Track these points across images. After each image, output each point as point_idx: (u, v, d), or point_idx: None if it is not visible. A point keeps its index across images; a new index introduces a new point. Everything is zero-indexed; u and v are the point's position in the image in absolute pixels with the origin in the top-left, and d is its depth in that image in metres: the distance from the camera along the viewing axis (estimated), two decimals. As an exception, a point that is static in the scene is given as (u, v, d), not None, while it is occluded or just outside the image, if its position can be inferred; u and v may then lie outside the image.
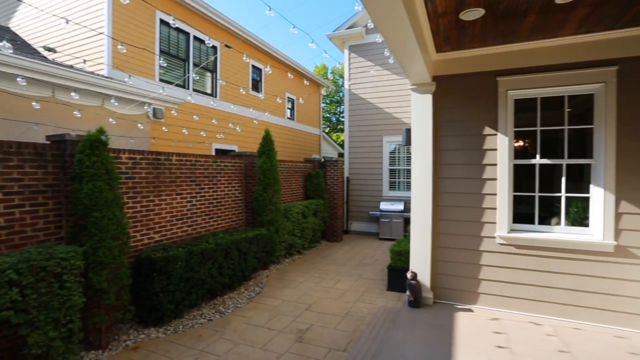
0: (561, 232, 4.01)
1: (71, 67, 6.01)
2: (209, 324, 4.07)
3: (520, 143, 4.53)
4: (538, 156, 4.12)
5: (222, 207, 5.82)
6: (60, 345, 2.87)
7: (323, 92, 16.61)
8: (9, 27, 8.22)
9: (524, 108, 4.20)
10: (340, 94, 26.89)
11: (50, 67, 4.94)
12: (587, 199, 3.94)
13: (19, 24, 8.15)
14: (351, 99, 10.18)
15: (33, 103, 4.50)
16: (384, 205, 9.17)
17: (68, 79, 5.12)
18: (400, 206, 8.99)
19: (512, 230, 4.16)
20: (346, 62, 10.26)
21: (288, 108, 12.90)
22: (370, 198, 9.84)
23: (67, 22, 3.99)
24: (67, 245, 3.16)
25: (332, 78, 27.52)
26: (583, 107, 4.09)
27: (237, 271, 5.07)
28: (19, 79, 4.17)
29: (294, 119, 13.26)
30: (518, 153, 4.37)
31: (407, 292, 4.33)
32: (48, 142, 3.52)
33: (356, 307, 4.54)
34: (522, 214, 4.25)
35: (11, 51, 3.66)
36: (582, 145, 4.25)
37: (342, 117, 26.81)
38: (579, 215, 4.11)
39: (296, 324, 4.06)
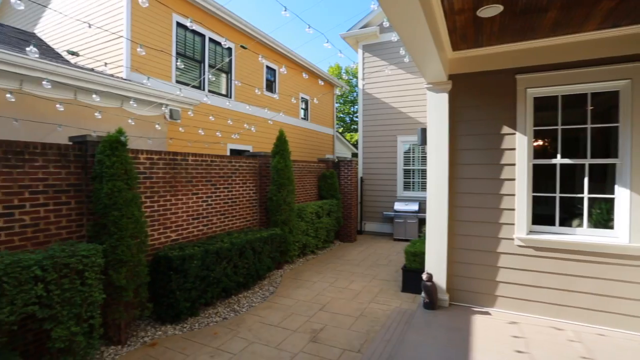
0: (584, 235, 3.88)
1: (92, 70, 6.19)
2: (224, 322, 4.12)
3: (540, 142, 4.41)
4: (559, 156, 3.99)
5: (237, 207, 5.88)
6: (82, 340, 2.95)
7: (337, 92, 16.57)
8: (34, 33, 8.53)
9: (543, 106, 4.09)
10: (354, 93, 26.79)
11: (73, 71, 5.10)
12: (612, 200, 3.80)
13: (43, 29, 8.46)
14: (365, 99, 10.12)
15: (57, 105, 4.65)
16: (398, 206, 9.08)
17: (89, 81, 5.27)
18: (414, 207, 8.89)
19: (531, 232, 4.05)
20: (360, 61, 10.22)
21: (302, 108, 12.94)
22: (384, 198, 9.76)
23: (90, 26, 4.11)
24: (88, 243, 3.26)
25: (345, 78, 27.50)
26: (606, 104, 3.95)
27: (251, 270, 5.12)
28: (44, 82, 4.32)
29: (307, 119, 13.29)
30: (537, 153, 4.25)
31: (423, 294, 4.27)
32: (70, 143, 3.63)
33: (370, 308, 4.51)
34: (540, 215, 4.13)
35: (37, 56, 3.79)
36: (605, 144, 4.10)
37: (356, 117, 26.73)
38: (603, 217, 3.96)
39: (310, 324, 4.06)
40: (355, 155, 16.86)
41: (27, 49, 3.63)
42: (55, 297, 2.79)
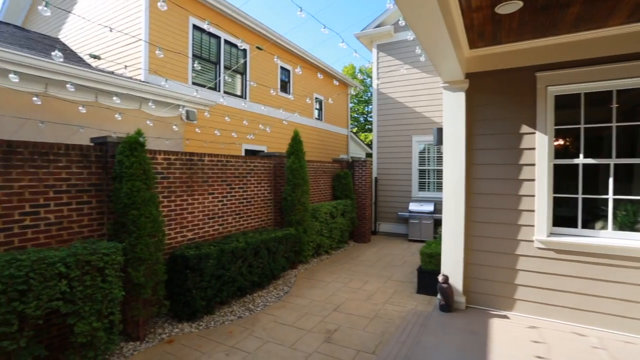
0: (608, 237, 3.74)
1: (112, 72, 6.37)
2: (239, 321, 4.16)
3: (561, 142, 4.27)
4: (581, 155, 3.86)
5: (252, 207, 5.93)
6: (103, 335, 3.04)
7: (351, 91, 16.52)
8: (58, 38, 8.84)
9: (565, 104, 3.96)
10: (368, 93, 26.65)
11: (94, 74, 5.25)
12: (639, 202, 3.65)
13: (67, 34, 8.75)
14: (379, 99, 10.05)
15: (80, 107, 4.81)
16: (413, 206, 8.98)
17: (110, 84, 5.42)
18: (430, 207, 8.77)
19: (552, 234, 3.93)
20: (374, 61, 10.15)
21: (316, 108, 12.96)
22: (399, 199, 9.67)
23: (111, 30, 4.23)
24: (109, 242, 3.35)
25: (360, 77, 27.37)
26: (633, 102, 3.80)
27: (266, 270, 5.15)
28: (68, 86, 4.48)
29: (321, 120, 13.30)
30: (558, 152, 4.13)
31: (438, 296, 4.21)
32: (92, 144, 3.74)
33: (385, 309, 4.47)
34: (561, 217, 4.00)
35: (62, 60, 3.93)
36: (632, 143, 3.94)
37: (370, 116, 26.56)
38: (629, 219, 3.81)
39: (324, 324, 4.06)
40: (369, 155, 16.76)
41: (53, 53, 3.77)
42: (77, 293, 2.88)
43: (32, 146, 3.17)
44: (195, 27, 7.82)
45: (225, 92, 8.70)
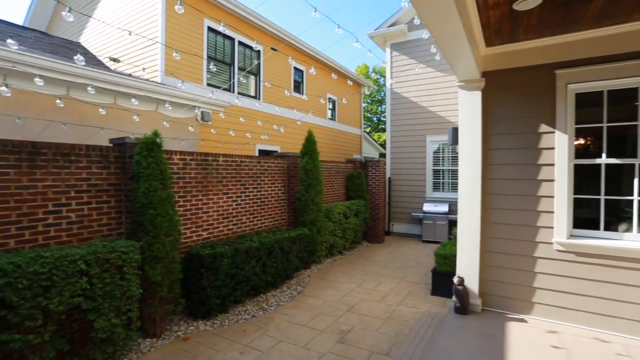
0: (634, 240, 3.60)
1: (130, 75, 6.52)
2: (252, 320, 4.20)
3: (581, 141, 4.14)
4: (604, 155, 3.74)
5: (266, 207, 5.98)
6: (121, 331, 3.12)
7: (366, 91, 16.44)
8: (79, 43, 9.12)
9: (585, 102, 3.84)
10: (382, 93, 26.47)
11: (113, 77, 5.39)
12: (665, 203, 3.51)
13: (87, 39, 9.02)
14: (393, 98, 9.97)
15: (100, 109, 4.95)
16: (427, 207, 8.88)
17: (128, 86, 5.56)
18: (444, 208, 8.65)
19: (572, 236, 3.82)
20: (388, 60, 10.08)
21: (329, 109, 12.95)
22: (413, 199, 9.57)
23: (130, 33, 4.34)
24: (127, 240, 3.43)
25: (373, 77, 27.21)
26: (659, 99, 3.65)
27: (279, 270, 5.18)
28: (89, 88, 4.61)
29: (335, 120, 13.29)
30: (578, 152, 4.00)
31: (454, 298, 4.15)
32: (111, 145, 3.84)
33: (399, 311, 4.44)
34: (581, 219, 3.88)
35: (83, 64, 4.05)
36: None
37: (384, 116, 26.38)
38: (655, 221, 3.66)
39: (338, 324, 4.06)
40: (382, 155, 16.65)
41: (75, 57, 3.89)
42: (97, 290, 2.96)
43: (55, 147, 3.28)
44: (209, 29, 7.93)
45: (239, 93, 8.79)
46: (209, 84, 7.93)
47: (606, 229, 3.76)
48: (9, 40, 3.49)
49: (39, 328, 2.64)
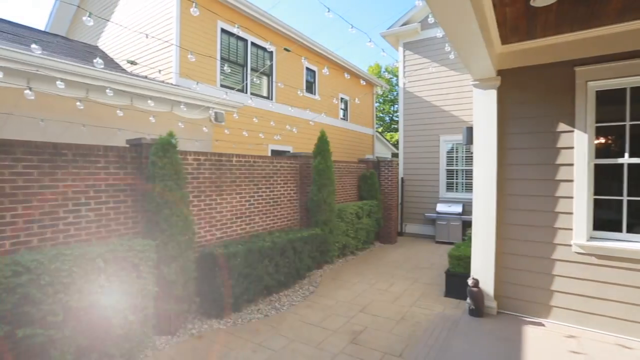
0: (656, 242, 3.47)
1: (146, 77, 6.65)
2: (265, 319, 4.23)
3: (602, 140, 4.01)
4: (627, 155, 3.62)
5: (278, 207, 6.01)
6: (138, 328, 3.18)
7: (378, 91, 16.33)
8: (97, 46, 9.37)
9: (606, 100, 3.72)
10: (394, 92, 26.26)
11: (130, 79, 5.51)
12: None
13: (104, 42, 9.26)
14: (406, 98, 9.89)
15: (117, 111, 5.07)
16: (440, 207, 8.76)
17: (144, 88, 5.67)
18: (458, 208, 8.52)
19: (592, 238, 3.71)
20: (401, 59, 9.99)
21: (341, 109, 12.93)
22: (426, 199, 9.46)
23: (147, 36, 4.43)
24: (143, 239, 3.50)
25: (386, 76, 27.01)
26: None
27: (292, 269, 5.20)
28: (107, 90, 4.73)
29: (347, 120, 13.26)
30: (598, 151, 3.88)
31: (468, 300, 4.08)
32: (127, 146, 3.93)
33: (412, 312, 4.39)
34: (602, 220, 3.76)
35: (102, 66, 4.16)
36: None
37: (396, 116, 26.17)
38: (681, 224, 3.52)
39: (350, 325, 4.05)
40: (395, 155, 16.52)
41: (94, 60, 3.99)
42: (115, 287, 3.03)
43: (75, 148, 3.37)
44: (223, 30, 8.03)
45: (252, 94, 8.87)
46: (222, 85, 8.03)
47: (629, 231, 3.63)
48: (33, 45, 3.61)
49: (60, 323, 2.72)
